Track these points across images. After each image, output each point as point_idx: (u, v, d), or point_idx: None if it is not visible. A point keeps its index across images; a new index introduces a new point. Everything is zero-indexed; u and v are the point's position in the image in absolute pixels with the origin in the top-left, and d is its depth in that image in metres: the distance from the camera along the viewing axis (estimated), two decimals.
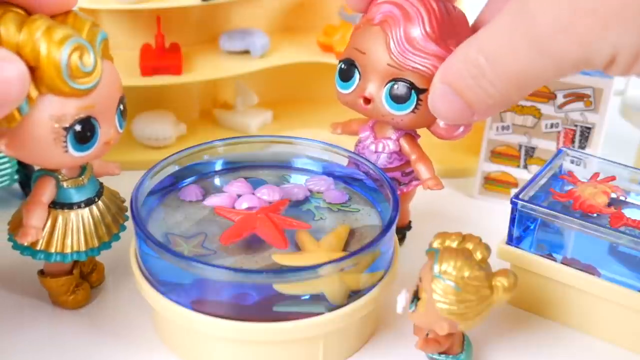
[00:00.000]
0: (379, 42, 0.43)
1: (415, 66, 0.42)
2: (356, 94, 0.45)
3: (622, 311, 0.43)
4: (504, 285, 0.38)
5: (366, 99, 0.44)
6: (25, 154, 0.39)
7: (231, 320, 0.39)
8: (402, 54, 0.42)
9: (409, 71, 0.42)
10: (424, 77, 0.42)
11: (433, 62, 0.42)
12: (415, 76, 0.43)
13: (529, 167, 0.57)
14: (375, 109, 0.44)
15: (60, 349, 0.43)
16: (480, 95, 0.37)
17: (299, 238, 0.42)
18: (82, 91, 0.37)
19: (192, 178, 0.48)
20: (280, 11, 0.67)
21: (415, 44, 0.42)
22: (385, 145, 0.46)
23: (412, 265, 0.43)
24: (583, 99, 0.54)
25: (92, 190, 0.43)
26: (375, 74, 0.43)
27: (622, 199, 0.47)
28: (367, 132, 0.47)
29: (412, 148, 0.46)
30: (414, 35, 0.42)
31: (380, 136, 0.47)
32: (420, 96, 0.43)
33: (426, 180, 0.46)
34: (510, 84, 0.35)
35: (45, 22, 0.36)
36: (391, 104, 0.44)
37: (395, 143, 0.46)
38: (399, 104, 0.43)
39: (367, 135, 0.47)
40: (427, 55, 0.42)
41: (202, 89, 0.67)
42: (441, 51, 0.42)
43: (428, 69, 0.42)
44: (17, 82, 0.34)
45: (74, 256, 0.42)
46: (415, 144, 0.47)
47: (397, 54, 0.42)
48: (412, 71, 0.42)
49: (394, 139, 0.46)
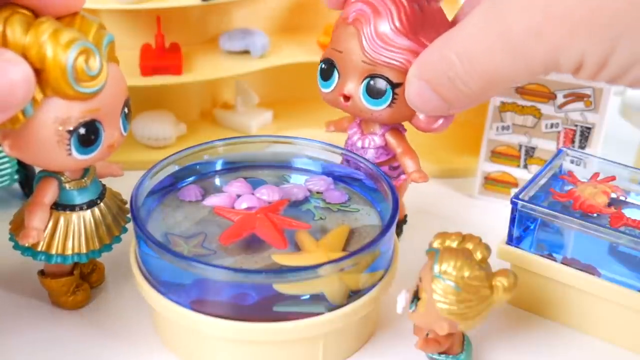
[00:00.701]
0: (353, 40, 0.44)
1: (387, 61, 0.43)
2: (336, 92, 0.46)
3: (622, 311, 0.43)
4: (504, 285, 0.38)
5: (345, 96, 0.45)
6: (29, 155, 0.39)
7: (231, 320, 0.39)
8: (374, 50, 0.43)
9: (383, 66, 0.43)
10: (399, 72, 0.43)
11: (406, 57, 0.43)
12: (389, 71, 0.43)
13: (529, 167, 0.57)
14: (355, 106, 0.45)
15: (60, 349, 0.43)
16: (456, 93, 0.37)
17: (299, 238, 0.42)
18: (87, 94, 0.37)
19: (192, 178, 0.48)
20: (280, 11, 0.68)
21: (385, 39, 0.43)
22: (371, 140, 0.47)
23: (412, 265, 0.43)
24: (583, 99, 0.54)
25: (95, 192, 0.43)
26: (352, 72, 0.44)
27: (622, 199, 0.47)
28: (354, 129, 0.48)
29: (397, 142, 0.47)
30: (383, 30, 0.43)
31: (366, 132, 0.48)
32: (396, 90, 0.44)
33: (411, 172, 0.47)
34: (483, 83, 0.36)
35: (51, 25, 0.36)
36: (368, 100, 0.44)
37: (381, 138, 0.47)
38: (376, 99, 0.44)
39: (354, 131, 0.48)
40: (399, 49, 0.43)
41: (202, 89, 0.67)
42: (413, 45, 0.43)
43: (401, 64, 0.43)
44: (22, 84, 0.34)
45: (74, 258, 0.42)
46: (401, 138, 0.47)
47: (369, 50, 0.43)
48: (386, 66, 0.43)
49: (380, 134, 0.47)
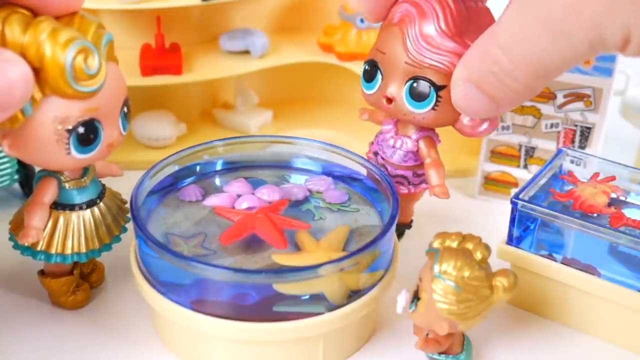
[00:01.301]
0: (397, 41, 0.43)
1: (432, 63, 0.42)
2: (379, 94, 0.45)
3: (622, 311, 0.43)
4: (504, 285, 0.38)
5: (388, 98, 0.44)
6: (28, 154, 0.39)
7: (231, 320, 0.39)
8: (418, 52, 0.42)
9: (427, 69, 0.43)
10: (443, 74, 0.42)
11: (450, 59, 0.42)
12: (433, 73, 0.43)
13: (529, 167, 0.57)
14: (397, 108, 0.44)
15: (60, 349, 0.43)
16: (503, 90, 0.37)
17: (299, 238, 0.42)
18: (86, 94, 0.37)
19: (192, 178, 0.48)
20: (280, 11, 0.68)
21: (430, 41, 0.42)
22: (404, 142, 0.46)
23: (412, 265, 0.43)
24: (583, 99, 0.54)
25: (94, 191, 0.43)
26: (395, 74, 0.44)
27: (622, 199, 0.47)
28: (389, 126, 0.47)
29: (428, 151, 0.46)
30: (428, 32, 0.42)
31: (401, 133, 0.47)
32: (440, 93, 0.43)
33: (435, 186, 0.46)
34: (529, 72, 0.35)
35: (50, 24, 0.36)
36: (411, 102, 0.44)
37: (414, 143, 0.46)
38: (419, 102, 0.43)
39: (389, 128, 0.47)
40: (444, 52, 0.42)
41: (202, 89, 0.67)
42: (458, 47, 0.42)
43: (445, 66, 0.42)
44: (21, 84, 0.34)
45: (74, 257, 0.42)
46: (433, 148, 0.47)
47: (413, 52, 0.42)
48: (430, 68, 0.42)
49: (414, 138, 0.46)
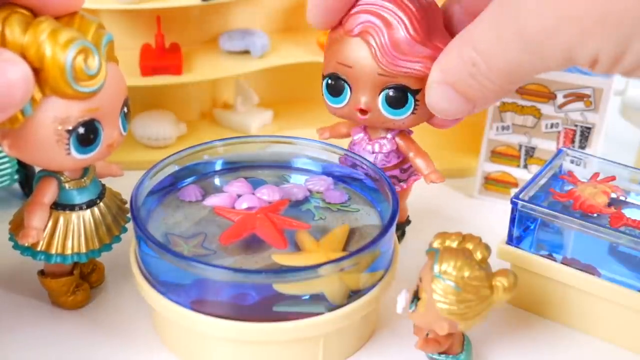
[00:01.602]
0: (363, 53, 0.42)
1: (406, 71, 0.42)
2: (350, 107, 0.45)
3: (622, 311, 0.43)
4: (504, 285, 0.38)
5: (363, 110, 0.44)
6: (28, 155, 0.39)
7: (231, 320, 0.39)
8: (390, 62, 0.42)
9: (401, 76, 0.42)
10: (416, 78, 0.42)
11: (424, 63, 0.42)
12: (407, 79, 0.43)
13: (529, 167, 0.57)
14: (374, 118, 0.44)
15: (60, 349, 0.43)
16: (480, 91, 0.38)
17: (299, 238, 0.42)
18: (86, 94, 0.37)
19: (192, 178, 0.48)
20: (280, 11, 0.67)
21: (403, 49, 0.42)
22: (382, 145, 0.47)
23: (412, 265, 0.43)
24: (583, 99, 0.54)
25: (94, 191, 0.43)
26: (366, 85, 0.43)
27: (622, 199, 0.47)
28: (360, 134, 0.48)
29: (408, 145, 0.47)
30: (399, 41, 0.42)
31: (374, 137, 0.47)
32: (417, 97, 0.43)
33: (428, 174, 0.46)
34: (503, 78, 0.36)
35: (50, 25, 0.36)
36: (390, 111, 0.44)
37: (392, 142, 0.47)
38: (398, 109, 0.44)
39: (361, 137, 0.48)
40: (417, 57, 0.42)
41: (202, 89, 0.67)
42: (428, 50, 0.42)
43: (419, 71, 0.42)
44: (21, 84, 0.34)
45: (74, 257, 0.42)
46: (411, 140, 0.47)
47: (385, 63, 0.42)
48: (404, 75, 0.42)
49: (390, 137, 0.47)
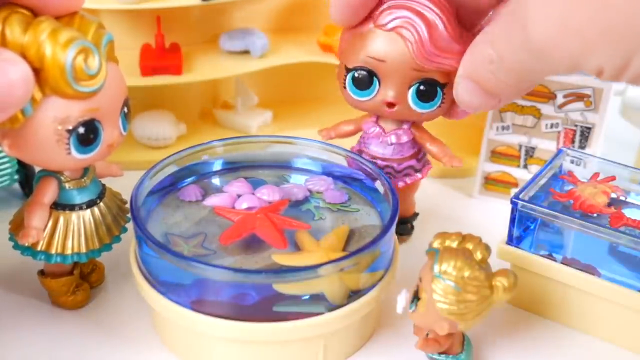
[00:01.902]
0: (399, 47, 0.43)
1: (441, 66, 0.43)
2: (377, 100, 0.45)
3: (622, 311, 0.43)
4: (504, 285, 0.38)
5: (391, 103, 0.45)
6: (28, 155, 0.39)
7: (231, 320, 0.39)
8: (427, 58, 0.43)
9: (432, 70, 0.44)
10: (444, 72, 0.44)
11: (456, 59, 0.42)
12: (436, 73, 0.44)
13: (529, 167, 0.57)
14: (401, 111, 0.45)
15: (60, 349, 0.43)
16: (500, 86, 0.38)
17: (299, 238, 0.42)
18: (86, 94, 0.37)
19: (192, 178, 0.48)
20: (280, 11, 0.67)
21: (439, 46, 0.43)
22: (400, 136, 0.48)
23: (412, 265, 0.43)
24: (583, 99, 0.54)
25: (94, 191, 0.43)
26: (397, 79, 0.44)
27: (622, 199, 0.47)
28: (374, 128, 0.48)
29: (422, 134, 0.48)
30: (437, 37, 0.43)
31: (389, 130, 0.48)
32: (444, 90, 0.44)
33: (448, 160, 0.48)
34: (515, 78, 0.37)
35: (50, 24, 0.36)
36: (419, 104, 0.45)
37: (408, 132, 0.48)
38: (427, 102, 0.45)
39: (374, 130, 0.48)
40: (451, 54, 0.43)
41: (202, 89, 0.67)
42: (461, 47, 0.42)
43: (452, 66, 0.43)
44: (21, 84, 0.34)
45: (74, 257, 0.42)
46: (424, 130, 0.49)
47: (423, 58, 0.43)
48: (436, 70, 0.44)
49: (406, 128, 0.48)
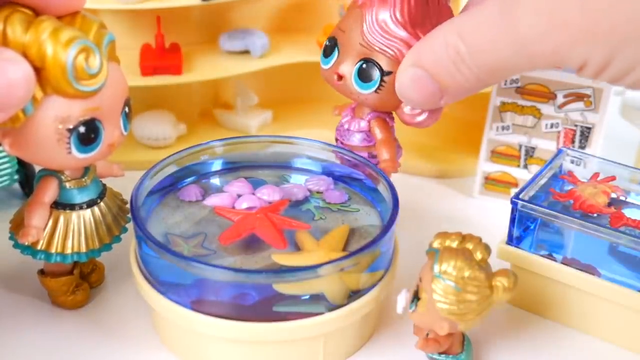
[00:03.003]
0: (358, 22, 0.45)
1: (382, 48, 0.44)
2: (332, 70, 0.47)
3: (622, 311, 0.43)
4: (504, 285, 0.38)
5: (339, 75, 0.46)
6: (29, 154, 0.39)
7: (231, 320, 0.39)
8: (371, 35, 0.44)
9: (377, 52, 0.45)
10: (391, 60, 0.44)
11: (400, 47, 0.44)
12: (382, 58, 0.45)
13: (529, 167, 0.57)
14: (346, 86, 0.46)
15: (60, 349, 0.43)
16: (457, 79, 0.38)
17: (299, 238, 0.42)
18: (87, 93, 0.37)
19: (192, 178, 0.48)
20: (280, 11, 0.68)
21: (384, 27, 0.44)
22: (357, 123, 0.48)
23: (412, 265, 0.43)
24: (583, 99, 0.54)
25: (95, 191, 0.43)
26: (350, 53, 0.46)
27: (622, 199, 0.47)
28: (347, 112, 0.50)
29: (380, 130, 0.48)
30: (383, 18, 0.44)
31: (356, 116, 0.49)
32: (385, 78, 0.45)
33: (383, 161, 0.48)
34: (486, 72, 0.37)
35: (52, 24, 0.36)
36: (358, 82, 0.46)
37: (367, 123, 0.48)
38: (365, 83, 0.45)
39: (346, 114, 0.50)
40: (395, 39, 0.44)
41: (202, 89, 0.67)
42: (409, 37, 0.44)
43: (394, 53, 0.44)
44: (22, 84, 0.34)
45: (74, 257, 0.42)
46: (385, 128, 0.48)
47: (367, 35, 0.45)
48: (380, 52, 0.44)
49: (367, 119, 0.48)
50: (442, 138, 0.64)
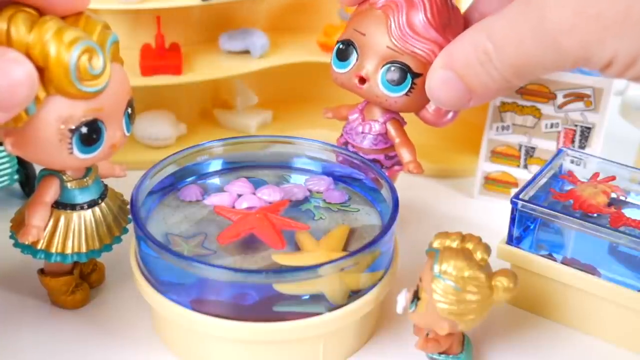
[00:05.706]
0: (380, 25, 0.45)
1: (414, 50, 0.44)
2: (352, 74, 0.46)
3: (622, 311, 0.43)
4: (504, 285, 0.38)
5: (362, 78, 0.46)
6: (31, 153, 0.39)
7: (231, 320, 0.39)
8: (402, 38, 0.44)
9: (407, 55, 0.44)
10: (420, 62, 0.44)
11: (431, 48, 0.44)
12: (412, 60, 0.44)
13: (529, 167, 0.57)
14: (370, 89, 0.46)
15: (60, 349, 0.43)
16: (485, 80, 0.38)
17: (299, 238, 0.42)
18: (89, 94, 0.37)
19: (192, 178, 0.48)
20: (280, 11, 0.68)
21: (416, 29, 0.44)
22: (372, 126, 0.48)
23: (412, 265, 0.43)
24: (583, 99, 0.54)
25: (96, 191, 0.43)
26: (373, 56, 0.45)
27: (622, 199, 0.47)
28: (356, 115, 0.49)
29: (397, 132, 0.48)
30: (415, 21, 0.44)
31: (368, 118, 0.48)
32: (415, 80, 0.45)
33: (407, 163, 0.48)
34: (512, 71, 0.37)
35: (56, 24, 0.36)
36: (386, 85, 0.45)
37: (382, 125, 0.48)
38: (394, 86, 0.45)
39: (355, 117, 0.49)
40: (427, 41, 0.44)
41: (202, 89, 0.67)
42: (440, 38, 0.44)
43: (426, 54, 0.44)
44: (25, 84, 0.34)
45: (74, 257, 0.42)
46: (401, 129, 0.48)
47: (397, 38, 0.44)
48: (410, 55, 0.44)
49: (381, 121, 0.48)
50: (442, 138, 0.64)
